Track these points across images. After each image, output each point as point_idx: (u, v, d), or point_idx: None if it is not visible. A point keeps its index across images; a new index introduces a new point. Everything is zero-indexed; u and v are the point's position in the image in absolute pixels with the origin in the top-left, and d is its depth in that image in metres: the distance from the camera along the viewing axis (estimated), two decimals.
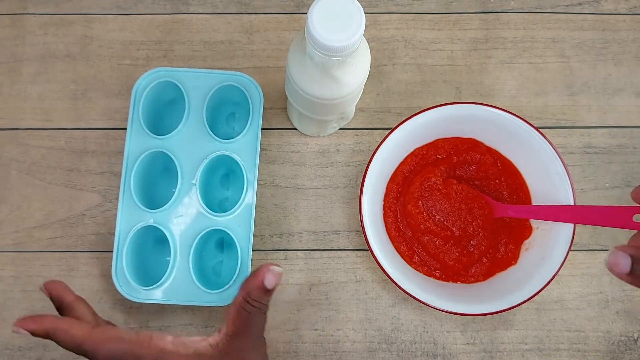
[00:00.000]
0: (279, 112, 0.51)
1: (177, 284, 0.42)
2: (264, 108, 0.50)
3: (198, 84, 0.45)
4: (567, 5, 0.54)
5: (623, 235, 0.49)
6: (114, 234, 0.43)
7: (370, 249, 0.43)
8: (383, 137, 0.45)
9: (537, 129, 0.45)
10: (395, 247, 0.46)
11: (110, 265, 0.44)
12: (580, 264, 0.49)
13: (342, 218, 0.49)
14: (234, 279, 0.41)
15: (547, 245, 0.44)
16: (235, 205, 0.43)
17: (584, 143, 0.51)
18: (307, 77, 0.39)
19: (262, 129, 0.50)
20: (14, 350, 0.46)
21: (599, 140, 0.51)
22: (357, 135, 0.51)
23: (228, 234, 0.43)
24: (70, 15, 0.52)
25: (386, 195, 0.47)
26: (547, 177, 0.45)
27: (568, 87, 0.52)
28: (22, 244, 0.48)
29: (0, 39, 0.52)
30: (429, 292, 0.43)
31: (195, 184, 0.43)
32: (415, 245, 0.46)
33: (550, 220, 0.43)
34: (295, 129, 0.50)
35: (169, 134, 0.44)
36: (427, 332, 0.47)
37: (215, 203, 0.47)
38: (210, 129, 0.44)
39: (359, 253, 0.49)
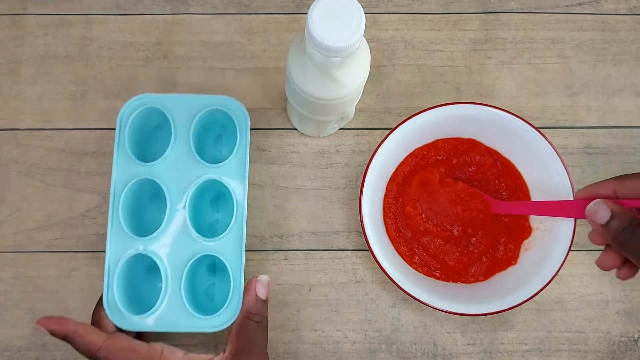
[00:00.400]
0: (279, 112, 0.51)
1: (170, 311, 0.41)
2: (263, 108, 0.51)
3: (184, 109, 0.44)
4: (567, 6, 0.54)
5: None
6: None
7: (370, 250, 0.43)
8: (383, 138, 0.45)
9: (537, 129, 0.45)
10: (395, 247, 0.46)
11: None
12: (580, 264, 0.49)
13: (342, 218, 0.49)
14: (227, 303, 0.41)
15: (547, 245, 0.44)
16: (225, 228, 0.43)
17: (584, 143, 0.51)
18: (307, 77, 0.39)
19: (262, 129, 0.50)
20: (13, 351, 0.46)
21: (599, 140, 0.51)
22: (357, 135, 0.51)
23: (219, 258, 0.42)
24: (70, 15, 0.52)
25: (386, 196, 0.47)
26: (547, 178, 0.45)
27: (568, 88, 0.52)
28: (22, 245, 0.48)
29: (0, 39, 0.52)
30: (429, 292, 0.43)
31: (184, 209, 0.43)
32: (416, 245, 0.46)
33: (552, 215, 0.43)
34: (295, 129, 0.50)
35: (156, 161, 0.43)
36: (427, 333, 0.47)
37: (206, 226, 0.46)
38: (198, 153, 0.43)
39: (359, 253, 0.49)
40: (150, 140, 0.47)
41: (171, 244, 0.42)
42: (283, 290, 0.48)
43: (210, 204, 0.47)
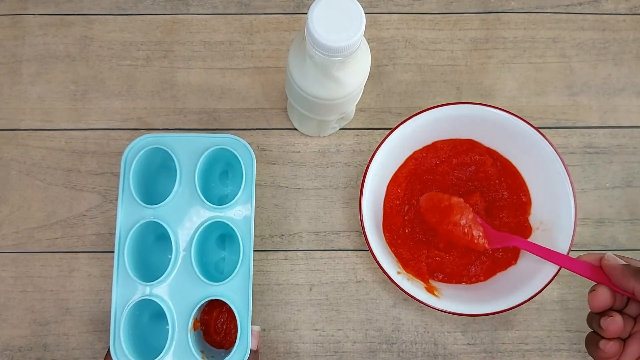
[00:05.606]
0: (279, 112, 0.51)
1: (177, 356, 0.41)
2: (263, 108, 0.51)
3: (188, 149, 0.44)
4: (568, 5, 0.54)
5: (623, 236, 0.50)
6: (114, 234, 0.43)
7: (370, 250, 0.43)
8: (383, 137, 0.45)
9: (537, 129, 0.44)
10: (394, 247, 0.46)
11: (111, 266, 0.43)
12: None
13: (343, 218, 0.49)
14: (234, 349, 0.41)
15: (548, 245, 0.44)
16: (231, 267, 0.42)
17: (584, 143, 0.51)
18: (307, 77, 0.39)
19: (262, 129, 0.50)
20: (14, 350, 0.46)
21: (599, 140, 0.51)
22: (357, 135, 0.51)
23: (227, 303, 0.42)
24: (70, 15, 0.52)
25: (386, 196, 0.47)
26: (547, 178, 0.45)
27: (568, 87, 0.52)
28: (23, 245, 0.48)
29: (0, 39, 0.52)
30: (429, 292, 0.43)
31: (190, 252, 0.42)
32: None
33: (549, 261, 0.42)
34: (296, 129, 0.50)
35: (161, 203, 0.43)
36: (427, 332, 0.47)
37: (212, 265, 0.46)
38: (203, 190, 0.43)
39: (359, 253, 0.49)
40: (154, 179, 0.46)
41: (177, 287, 0.42)
42: (283, 290, 0.48)
43: (217, 242, 0.47)
